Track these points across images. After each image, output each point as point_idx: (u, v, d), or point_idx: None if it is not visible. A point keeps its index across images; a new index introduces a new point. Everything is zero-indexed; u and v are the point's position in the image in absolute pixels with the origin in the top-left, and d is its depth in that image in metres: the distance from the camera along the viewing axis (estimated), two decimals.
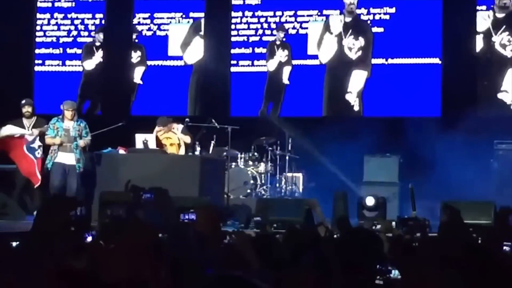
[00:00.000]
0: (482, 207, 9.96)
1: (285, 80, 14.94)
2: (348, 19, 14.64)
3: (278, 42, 14.95)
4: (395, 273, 4.34)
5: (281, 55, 14.96)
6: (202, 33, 15.30)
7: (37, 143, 11.83)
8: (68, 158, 11.40)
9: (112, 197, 10.07)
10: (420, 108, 14.06)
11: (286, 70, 14.92)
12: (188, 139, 12.53)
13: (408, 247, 4.93)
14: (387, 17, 14.40)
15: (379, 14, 14.44)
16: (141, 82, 15.58)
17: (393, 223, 9.91)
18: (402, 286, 3.67)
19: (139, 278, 3.18)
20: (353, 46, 14.60)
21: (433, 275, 3.23)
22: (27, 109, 11.94)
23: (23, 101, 12.09)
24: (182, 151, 12.49)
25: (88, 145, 11.78)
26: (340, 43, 14.63)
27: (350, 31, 14.61)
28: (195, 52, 15.34)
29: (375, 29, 14.49)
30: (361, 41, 14.57)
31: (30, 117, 11.92)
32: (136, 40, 15.64)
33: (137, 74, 15.60)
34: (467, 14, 14.00)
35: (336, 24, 14.66)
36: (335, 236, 5.70)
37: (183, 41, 15.37)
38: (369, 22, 14.52)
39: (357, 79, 14.54)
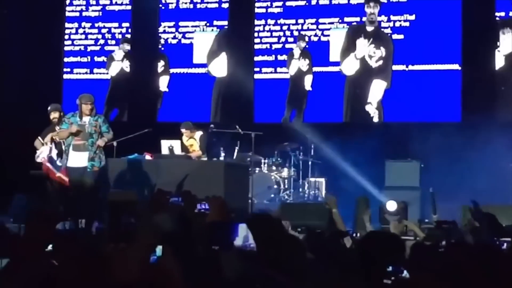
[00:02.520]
0: (503, 211, 10.03)
1: (308, 86, 15.11)
2: (370, 29, 14.81)
3: (299, 51, 15.14)
4: (406, 274, 4.39)
5: (302, 64, 15.13)
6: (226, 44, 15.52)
7: (54, 151, 11.25)
8: (81, 159, 10.60)
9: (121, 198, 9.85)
10: (440, 114, 14.18)
11: (308, 78, 15.11)
12: (199, 154, 12.73)
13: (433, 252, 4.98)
14: (407, 24, 14.55)
15: (399, 21, 14.60)
16: (166, 90, 15.85)
17: (410, 224, 9.82)
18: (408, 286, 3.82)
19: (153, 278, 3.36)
20: (374, 54, 14.76)
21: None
22: (53, 115, 11.43)
23: (49, 108, 11.57)
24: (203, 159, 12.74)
25: (110, 140, 11.07)
26: (362, 52, 14.82)
27: (371, 39, 14.79)
28: (221, 66, 15.53)
29: (395, 36, 14.65)
30: (382, 51, 14.73)
31: (59, 123, 11.10)
32: (162, 49, 15.90)
33: (163, 82, 15.86)
34: (487, 20, 14.11)
35: (360, 40, 14.83)
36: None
37: (209, 54, 15.58)
38: (389, 29, 14.69)
39: (377, 89, 14.69)
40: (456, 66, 14.28)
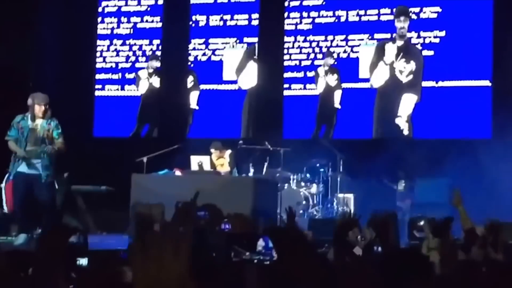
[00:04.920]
0: None
1: (337, 104, 15.10)
2: (400, 43, 14.80)
3: (326, 68, 15.15)
4: None
5: (330, 79, 15.14)
6: (256, 57, 15.60)
7: None
8: (32, 166, 9.40)
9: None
10: (471, 130, 14.11)
11: (337, 94, 15.10)
12: (228, 170, 12.80)
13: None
14: (437, 40, 14.52)
15: (429, 37, 14.58)
16: (197, 107, 15.90)
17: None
18: None
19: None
20: (404, 69, 14.73)
21: None
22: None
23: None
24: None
25: (62, 150, 9.69)
26: (392, 66, 14.80)
27: (401, 54, 14.75)
28: (250, 78, 15.63)
29: (425, 52, 14.62)
30: (412, 65, 14.67)
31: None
32: (192, 65, 15.98)
33: (193, 99, 15.94)
34: None
35: (389, 49, 14.82)
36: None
37: (237, 67, 15.68)
38: (419, 45, 14.66)
39: (407, 103, 14.64)
40: (486, 83, 14.21)
